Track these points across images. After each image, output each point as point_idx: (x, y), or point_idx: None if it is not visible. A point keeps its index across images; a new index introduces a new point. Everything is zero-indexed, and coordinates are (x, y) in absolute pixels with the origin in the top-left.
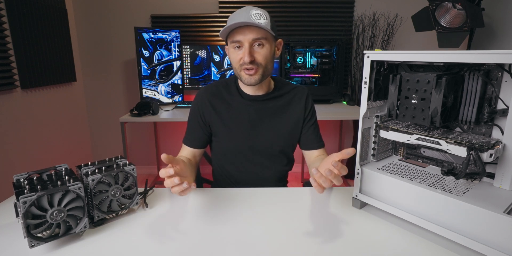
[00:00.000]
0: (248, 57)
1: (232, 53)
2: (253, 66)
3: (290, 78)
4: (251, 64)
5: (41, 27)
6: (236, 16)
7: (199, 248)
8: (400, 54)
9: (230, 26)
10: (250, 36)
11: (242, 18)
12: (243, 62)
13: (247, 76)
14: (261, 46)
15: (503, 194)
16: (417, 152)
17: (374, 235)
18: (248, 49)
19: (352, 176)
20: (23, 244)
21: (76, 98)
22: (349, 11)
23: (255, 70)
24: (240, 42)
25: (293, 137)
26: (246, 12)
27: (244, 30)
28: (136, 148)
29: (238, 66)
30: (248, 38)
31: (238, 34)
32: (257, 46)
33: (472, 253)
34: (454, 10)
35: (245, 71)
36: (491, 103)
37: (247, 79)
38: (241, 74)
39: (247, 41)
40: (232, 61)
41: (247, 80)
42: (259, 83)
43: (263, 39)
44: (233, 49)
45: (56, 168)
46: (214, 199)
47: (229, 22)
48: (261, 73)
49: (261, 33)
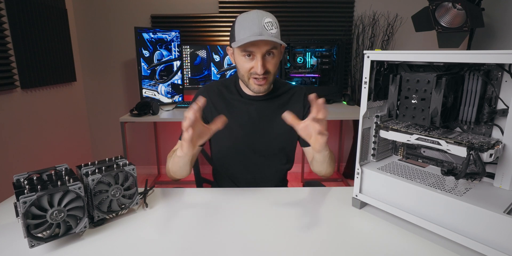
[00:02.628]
0: (262, 69)
1: (241, 61)
2: (264, 76)
3: (290, 78)
4: (263, 74)
5: (41, 27)
6: (249, 24)
7: (199, 248)
8: (400, 54)
9: (246, 42)
10: (264, 48)
11: (256, 28)
12: (254, 72)
13: (256, 85)
14: (272, 56)
15: (503, 194)
16: (417, 152)
17: (374, 235)
18: (261, 61)
19: (352, 176)
20: (23, 244)
21: (76, 98)
22: (349, 11)
23: (266, 79)
24: (253, 53)
25: (292, 136)
26: (259, 20)
27: (258, 42)
28: (136, 148)
29: (247, 74)
30: (261, 50)
31: (252, 46)
32: (268, 55)
33: (472, 253)
34: (454, 10)
35: (254, 81)
36: (491, 103)
37: (256, 88)
38: (250, 83)
39: (260, 53)
40: (240, 68)
41: (256, 89)
42: (267, 90)
43: (274, 49)
44: (242, 57)
45: (56, 168)
46: (214, 199)
47: (240, 31)
48: (270, 81)
49: (273, 43)
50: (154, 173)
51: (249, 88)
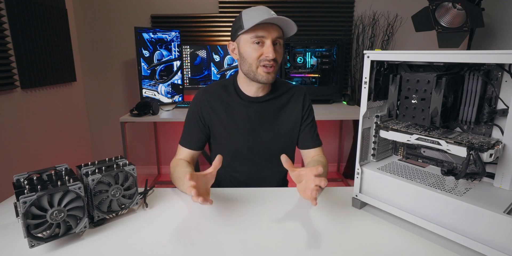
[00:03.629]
0: (273, 53)
1: (251, 49)
2: (273, 63)
3: (290, 78)
4: (272, 61)
5: (41, 27)
6: (258, 12)
7: (199, 248)
8: (400, 54)
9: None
10: (274, 34)
11: (265, 14)
12: (264, 58)
13: (264, 73)
14: (279, 46)
15: (503, 194)
16: (417, 152)
17: (374, 235)
18: (272, 46)
19: (352, 176)
20: (23, 244)
21: (76, 98)
22: (349, 11)
23: (273, 67)
24: (262, 38)
25: (292, 137)
26: (267, 10)
27: (268, 27)
28: (136, 148)
29: (256, 62)
30: (272, 35)
31: (263, 30)
32: (275, 45)
33: (472, 253)
34: (454, 10)
35: (263, 68)
36: (491, 103)
37: (264, 77)
38: (258, 71)
39: (271, 38)
40: (247, 57)
41: (264, 77)
42: (272, 81)
43: (281, 38)
44: (251, 44)
45: (56, 168)
46: (214, 199)
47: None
48: (276, 72)
49: (280, 33)
50: (154, 173)
51: (257, 79)
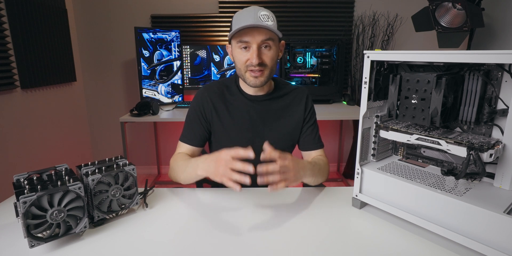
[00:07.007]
0: (257, 59)
1: (238, 54)
2: (260, 68)
3: (290, 78)
4: (258, 66)
5: (41, 27)
6: (244, 16)
7: (199, 248)
8: (400, 54)
9: (240, 28)
10: (258, 38)
11: (251, 19)
12: (249, 63)
13: (252, 78)
14: (268, 48)
15: (503, 194)
16: (417, 152)
17: (374, 235)
18: (257, 51)
19: (352, 176)
20: (23, 244)
21: (76, 98)
22: (349, 11)
23: (261, 72)
24: (248, 43)
25: (293, 138)
26: (255, 12)
27: (253, 32)
28: (136, 148)
29: (244, 67)
30: (256, 40)
31: (247, 35)
32: (264, 47)
33: (472, 253)
34: (454, 10)
35: (250, 73)
36: (491, 103)
37: (252, 81)
38: (246, 76)
39: (256, 43)
40: (237, 62)
41: (252, 82)
42: (264, 85)
43: (270, 40)
44: (239, 49)
45: (56, 168)
46: (214, 199)
47: (236, 23)
48: (267, 75)
49: (269, 34)
50: (154, 173)
51: (246, 82)
